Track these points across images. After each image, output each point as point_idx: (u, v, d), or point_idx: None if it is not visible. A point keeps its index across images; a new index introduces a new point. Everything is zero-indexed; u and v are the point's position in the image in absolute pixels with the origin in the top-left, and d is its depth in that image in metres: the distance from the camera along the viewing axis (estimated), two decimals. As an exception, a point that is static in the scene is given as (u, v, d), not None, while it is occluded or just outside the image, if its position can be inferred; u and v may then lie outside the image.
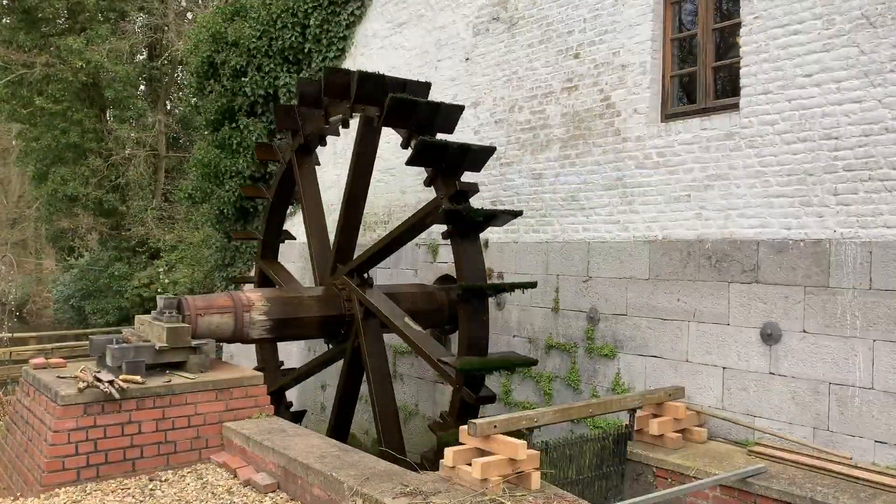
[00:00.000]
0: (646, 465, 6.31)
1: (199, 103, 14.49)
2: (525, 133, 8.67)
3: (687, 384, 6.90)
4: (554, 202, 8.28)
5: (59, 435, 5.94)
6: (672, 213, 7.11)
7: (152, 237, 21.72)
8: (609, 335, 7.63)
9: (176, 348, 6.80)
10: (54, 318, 26.39)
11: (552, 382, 8.20)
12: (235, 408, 6.80)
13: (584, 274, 7.93)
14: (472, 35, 9.52)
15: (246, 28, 13.04)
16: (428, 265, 10.09)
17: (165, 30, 24.22)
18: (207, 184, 14.23)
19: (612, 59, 7.72)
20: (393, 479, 5.19)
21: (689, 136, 7.00)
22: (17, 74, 23.11)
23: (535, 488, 5.03)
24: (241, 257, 14.35)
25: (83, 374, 6.34)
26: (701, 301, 6.85)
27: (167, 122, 24.95)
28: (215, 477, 6.15)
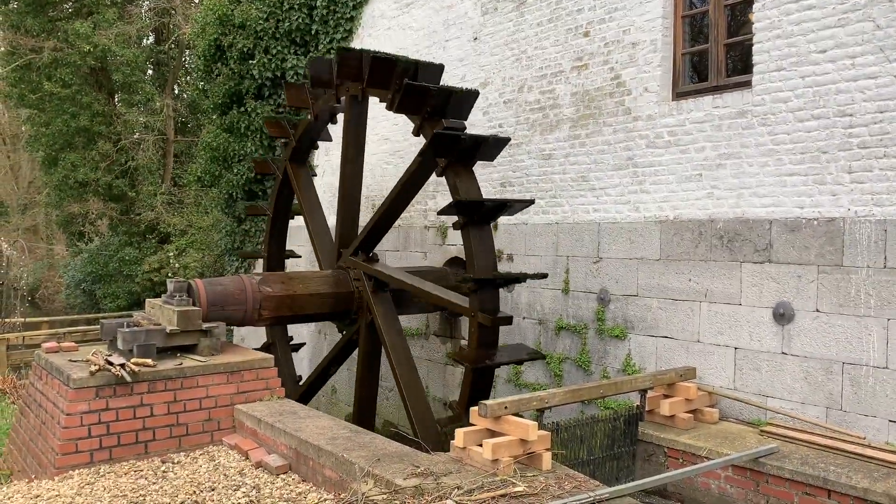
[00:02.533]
0: (657, 445, 6.30)
1: (206, 87, 14.45)
2: (534, 113, 8.60)
3: (698, 365, 6.87)
4: (564, 183, 8.22)
5: (71, 418, 5.97)
6: (683, 192, 7.05)
7: (162, 221, 21.77)
8: (620, 316, 7.60)
9: (187, 331, 6.81)
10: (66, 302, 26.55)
11: (562, 364, 8.18)
12: (246, 390, 6.81)
13: (594, 255, 7.88)
14: (480, 14, 9.42)
15: (253, 10, 12.96)
16: (437, 247, 10.06)
17: (172, 13, 24.12)
18: (216, 167, 14.23)
19: (622, 37, 7.63)
20: (404, 459, 5.20)
21: (700, 114, 6.92)
22: (26, 59, 23.11)
23: (547, 469, 5.02)
24: (250, 241, 14.37)
25: (95, 358, 6.37)
26: (713, 281, 6.80)
27: (175, 107, 24.92)
28: (227, 459, 6.18)
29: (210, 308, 7.29)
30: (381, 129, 11.18)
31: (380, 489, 4.80)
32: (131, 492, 5.43)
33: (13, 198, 39.92)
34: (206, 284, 7.43)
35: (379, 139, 11.20)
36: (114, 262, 22.42)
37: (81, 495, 5.38)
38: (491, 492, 4.57)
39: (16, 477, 6.80)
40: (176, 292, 7.05)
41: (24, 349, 16.20)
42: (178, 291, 7.07)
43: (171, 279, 7.27)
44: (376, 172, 11.19)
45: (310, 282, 8.18)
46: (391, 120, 10.63)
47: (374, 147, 11.22)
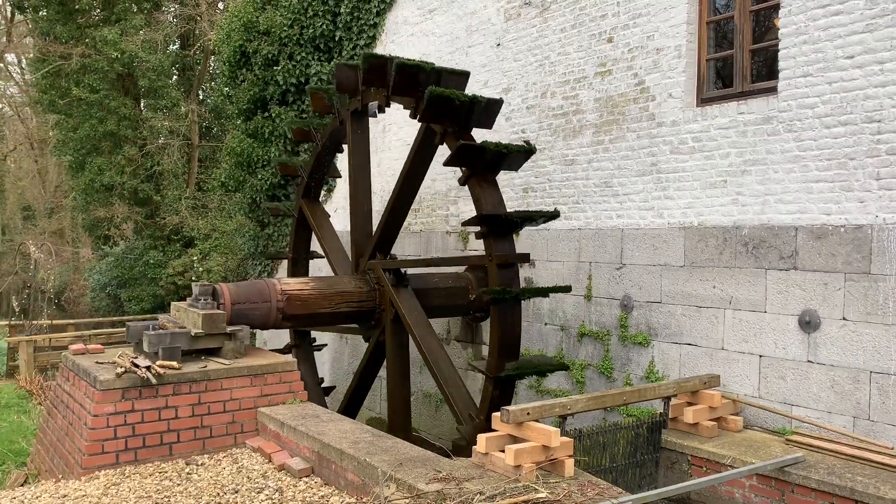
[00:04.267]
0: (680, 453, 6.25)
1: (231, 93, 14.59)
2: (557, 119, 8.59)
3: (722, 372, 6.82)
4: (587, 188, 8.20)
5: (98, 419, 6.05)
6: (708, 198, 7.00)
7: (186, 226, 21.97)
8: (643, 323, 7.56)
9: (211, 334, 6.88)
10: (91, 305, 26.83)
11: (584, 370, 8.15)
12: (270, 393, 6.87)
13: (617, 261, 7.85)
14: (503, 20, 9.44)
15: (277, 17, 13.09)
16: (458, 253, 10.06)
17: (198, 20, 24.39)
18: (240, 172, 14.35)
19: (646, 43, 7.60)
20: (426, 464, 5.21)
21: (725, 120, 6.88)
22: (55, 66, 23.48)
23: (569, 475, 5.01)
24: (273, 245, 14.48)
25: (121, 360, 6.45)
26: (737, 288, 6.74)
27: (200, 112, 25.18)
28: (250, 461, 6.23)
29: (234, 311, 7.35)
30: (403, 135, 11.23)
31: (402, 493, 4.81)
32: (156, 493, 5.49)
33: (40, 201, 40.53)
34: (231, 288, 7.49)
35: (401, 144, 11.25)
36: (139, 265, 22.65)
37: (107, 496, 5.45)
38: (513, 498, 4.56)
39: (43, 477, 6.89)
40: (201, 296, 7.13)
41: (50, 351, 16.38)
42: (202, 295, 7.15)
43: (196, 283, 7.34)
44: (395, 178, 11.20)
45: (331, 282, 8.23)
46: (413, 125, 10.66)
47: (397, 153, 11.27)
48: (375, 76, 8.05)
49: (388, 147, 11.60)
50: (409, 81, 7.65)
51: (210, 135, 26.43)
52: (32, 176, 42.58)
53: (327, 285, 8.14)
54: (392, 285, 8.03)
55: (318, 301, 7.98)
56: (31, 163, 42.04)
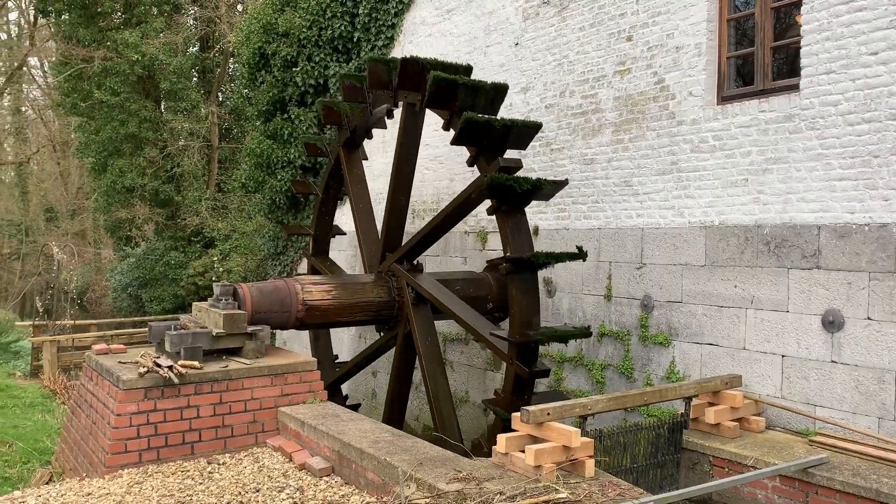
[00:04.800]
0: (702, 454, 6.21)
1: (250, 94, 14.68)
2: (576, 118, 8.56)
3: (744, 372, 6.76)
4: (606, 188, 8.17)
5: (121, 418, 6.11)
6: (729, 197, 6.95)
7: (206, 227, 22.13)
8: (663, 323, 7.52)
9: (232, 334, 6.93)
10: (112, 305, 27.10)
11: (604, 371, 8.11)
12: (290, 393, 6.90)
13: (637, 261, 7.81)
14: (521, 20, 9.42)
15: (296, 19, 13.15)
16: (477, 252, 10.07)
17: (217, 22, 24.56)
18: (260, 173, 14.44)
19: (665, 41, 7.56)
20: (446, 464, 5.21)
21: (746, 118, 6.82)
22: (77, 69, 23.75)
23: (590, 476, 4.99)
24: (293, 246, 14.56)
25: (143, 360, 6.51)
26: (759, 288, 6.68)
27: (219, 114, 25.36)
28: (271, 461, 6.26)
29: (255, 312, 7.40)
30: (423, 136, 11.21)
31: (422, 493, 4.82)
32: (178, 491, 5.54)
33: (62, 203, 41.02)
34: (252, 288, 7.54)
35: (421, 146, 11.22)
36: (159, 266, 22.85)
37: (131, 494, 5.50)
38: (534, 498, 4.55)
39: (67, 475, 6.97)
40: (222, 296, 7.18)
41: (73, 351, 16.56)
42: (224, 295, 7.19)
43: (217, 283, 7.39)
44: (416, 177, 11.20)
45: (352, 290, 8.23)
46: (432, 126, 10.67)
47: (416, 153, 11.25)
48: (411, 80, 8.01)
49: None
50: (444, 95, 7.60)
51: (230, 136, 26.61)
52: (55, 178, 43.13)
53: (349, 295, 8.15)
54: (412, 303, 8.13)
55: (337, 312, 8.11)
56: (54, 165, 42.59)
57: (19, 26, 38.94)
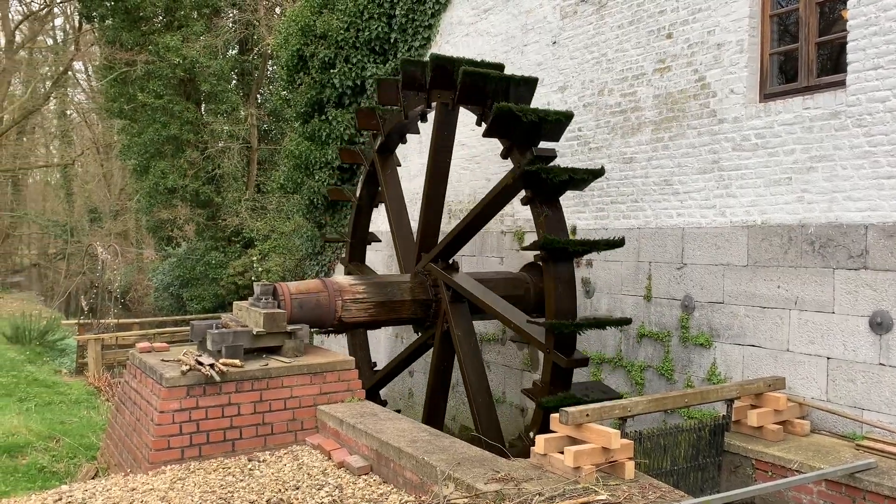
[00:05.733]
0: (744, 457, 6.10)
1: (288, 96, 14.84)
2: (615, 116, 8.48)
3: (788, 375, 6.63)
4: (646, 187, 8.08)
5: (164, 415, 6.22)
6: (772, 196, 6.82)
7: (246, 227, 22.43)
8: (704, 324, 7.41)
9: (272, 333, 7.01)
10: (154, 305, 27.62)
11: (644, 372, 8.03)
12: (329, 391, 6.96)
13: (677, 261, 7.72)
14: (559, 18, 9.37)
15: (334, 20, 13.25)
16: (514, 253, 10.04)
17: (256, 24, 24.89)
18: (298, 174, 14.58)
19: (706, 38, 7.45)
20: (484, 464, 5.20)
21: (790, 116, 6.69)
22: (121, 72, 24.26)
23: (629, 478, 4.94)
24: (330, 246, 14.67)
25: (186, 358, 6.62)
26: (803, 288, 6.55)
27: (258, 115, 25.69)
28: (310, 458, 6.31)
29: (294, 311, 7.47)
30: (458, 134, 11.21)
31: (461, 493, 4.82)
32: (220, 488, 5.62)
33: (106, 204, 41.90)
34: (291, 288, 7.61)
35: (456, 144, 11.23)
36: (200, 265, 23.22)
37: (174, 490, 5.59)
38: (573, 499, 4.53)
39: (112, 470, 7.12)
40: (262, 295, 7.26)
41: (116, 349, 16.88)
42: (264, 294, 7.28)
43: (257, 282, 7.48)
44: (452, 177, 11.20)
45: (389, 289, 8.27)
46: (468, 125, 10.67)
47: (452, 152, 11.27)
48: (442, 78, 8.04)
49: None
50: (475, 89, 7.62)
51: (269, 138, 26.94)
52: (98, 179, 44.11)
53: (384, 294, 8.19)
54: (449, 302, 8.14)
55: (375, 308, 8.16)
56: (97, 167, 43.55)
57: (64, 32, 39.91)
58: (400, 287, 8.38)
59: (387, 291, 8.23)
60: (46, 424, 9.91)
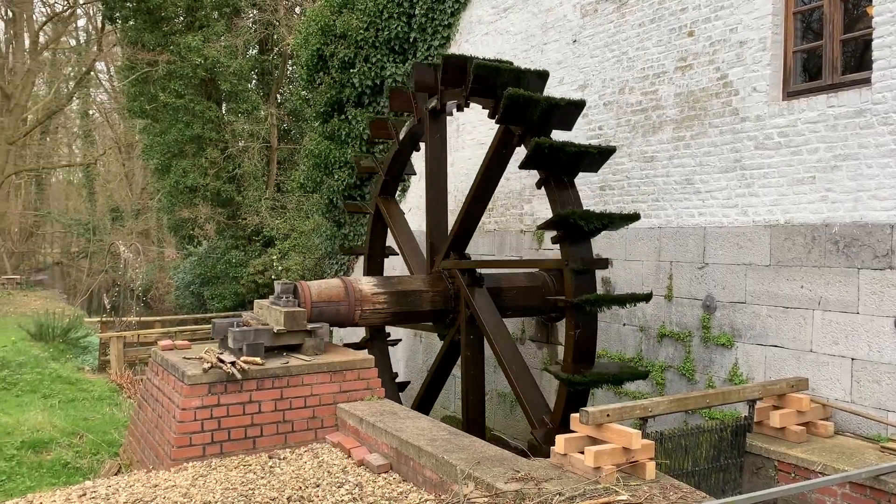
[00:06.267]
0: (766, 458, 6.05)
1: (308, 96, 14.90)
2: (636, 115, 8.44)
3: (811, 375, 6.56)
4: (667, 186, 8.03)
5: (186, 412, 6.26)
6: (795, 195, 6.75)
7: (266, 226, 22.57)
8: (726, 324, 7.35)
9: (293, 331, 7.04)
10: (175, 303, 27.88)
11: (665, 372, 7.98)
12: (349, 389, 6.98)
13: (699, 260, 7.66)
14: (579, 17, 9.33)
15: (353, 20, 13.29)
16: (533, 252, 10.01)
17: (276, 25, 25.03)
18: (318, 174, 14.65)
19: (728, 36, 7.39)
20: (504, 463, 5.20)
21: (813, 114, 6.62)
22: (142, 72, 24.50)
23: (650, 478, 4.91)
24: (349, 244, 14.71)
25: (207, 356, 6.67)
26: (827, 288, 6.48)
27: (278, 115, 25.83)
28: (330, 456, 6.34)
29: (314, 309, 7.50)
30: (477, 135, 11.25)
31: (481, 492, 4.82)
32: (241, 485, 5.65)
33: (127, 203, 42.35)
34: (311, 286, 7.64)
35: (475, 144, 11.26)
36: (220, 264, 23.40)
37: (195, 486, 5.64)
38: (594, 499, 4.51)
39: (135, 467, 7.19)
40: (283, 293, 7.30)
41: (138, 347, 17.02)
42: (284, 293, 7.32)
43: (278, 281, 7.51)
44: (470, 176, 11.23)
45: (407, 281, 8.30)
46: (487, 125, 10.67)
47: (470, 152, 11.29)
48: (454, 76, 8.06)
49: (462, 146, 11.62)
50: (487, 83, 7.62)
51: (288, 137, 27.09)
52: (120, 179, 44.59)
53: (402, 285, 8.19)
54: (467, 285, 8.05)
55: (394, 300, 8.11)
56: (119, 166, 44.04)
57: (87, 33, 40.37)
58: (421, 297, 8.33)
59: (408, 301, 8.20)
60: (70, 421, 10.02)
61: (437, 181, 8.95)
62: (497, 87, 7.56)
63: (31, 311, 22.88)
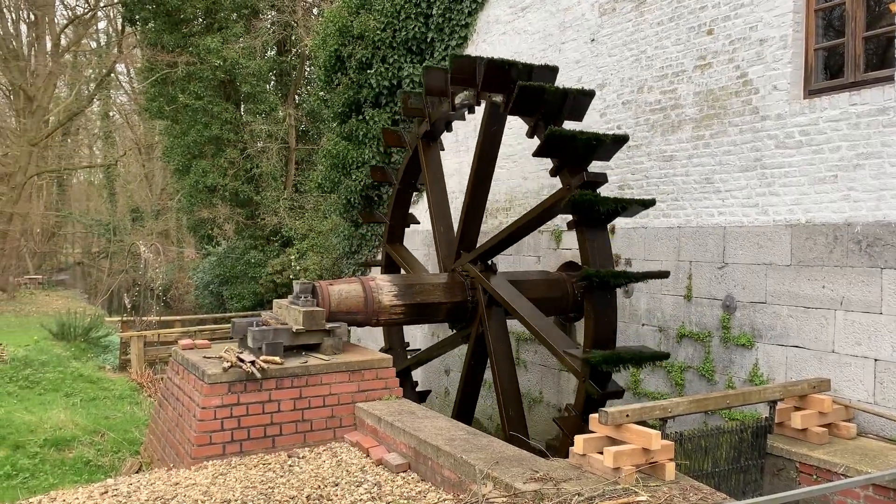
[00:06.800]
0: (788, 459, 6.00)
1: (326, 97, 14.95)
2: (655, 114, 8.39)
3: (833, 376, 6.50)
4: (686, 185, 7.98)
5: (206, 411, 6.31)
6: (816, 195, 6.69)
7: (284, 226, 22.68)
8: (746, 324, 7.29)
9: (311, 331, 7.07)
10: (195, 302, 28.07)
11: (684, 373, 7.93)
12: (367, 389, 7.00)
13: (719, 260, 7.61)
14: (597, 15, 9.30)
15: (371, 21, 13.32)
16: (551, 252, 9.99)
17: (294, 26, 25.14)
18: (335, 174, 14.70)
19: (748, 34, 7.33)
20: (523, 463, 5.19)
21: (835, 112, 6.55)
22: (162, 74, 24.70)
23: (670, 479, 4.89)
24: (366, 245, 14.75)
25: (227, 355, 6.71)
26: (849, 288, 6.41)
27: (296, 116, 25.94)
28: (349, 455, 6.36)
29: (332, 309, 7.52)
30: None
31: (499, 492, 4.81)
32: (261, 483, 5.68)
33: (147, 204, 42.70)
34: (332, 293, 7.64)
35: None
36: (239, 264, 23.53)
37: (215, 485, 5.68)
38: (613, 500, 4.49)
39: (155, 465, 7.25)
40: (301, 293, 7.33)
41: (158, 346, 17.18)
42: (303, 293, 7.35)
43: (296, 281, 7.55)
44: (491, 177, 11.22)
45: (426, 291, 8.26)
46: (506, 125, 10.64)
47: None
48: (464, 76, 8.07)
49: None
50: (499, 77, 7.65)
51: (306, 138, 27.20)
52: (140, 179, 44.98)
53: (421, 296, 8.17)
54: (485, 305, 8.13)
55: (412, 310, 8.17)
56: (139, 167, 44.41)
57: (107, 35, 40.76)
58: (438, 308, 8.33)
59: (425, 309, 8.21)
60: (91, 419, 10.13)
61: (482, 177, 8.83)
62: (509, 81, 7.57)
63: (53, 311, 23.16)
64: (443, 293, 8.35)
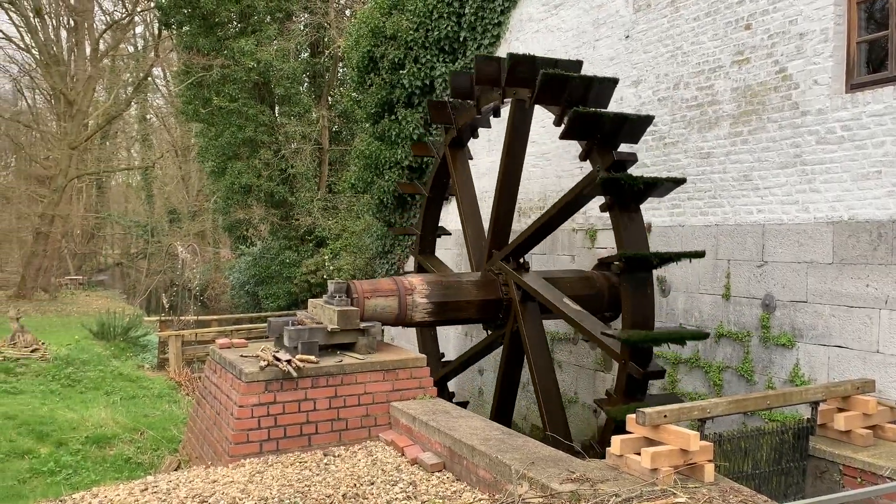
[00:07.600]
0: (831, 462, 5.86)
1: (359, 97, 15.02)
2: (691, 110, 8.28)
3: (878, 377, 6.34)
4: (724, 182, 7.86)
5: (244, 410, 6.37)
6: (860, 191, 6.54)
7: (318, 226, 22.85)
8: (787, 323, 7.16)
9: (346, 330, 7.11)
10: (231, 302, 28.43)
11: (722, 373, 7.81)
12: (401, 388, 7.01)
13: (758, 258, 7.48)
14: (632, 12, 9.20)
15: (403, 21, 13.35)
16: (586, 251, 9.91)
17: (327, 27, 25.30)
18: (368, 174, 14.75)
19: (788, 28, 7.20)
20: (559, 464, 5.15)
21: (879, 106, 6.39)
22: (198, 77, 25.04)
23: (709, 481, 4.81)
24: (399, 245, 14.80)
25: (264, 354, 6.77)
26: (894, 287, 6.25)
27: (329, 117, 26.12)
28: (384, 454, 6.37)
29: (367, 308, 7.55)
30: (529, 133, 11.16)
31: (535, 492, 4.78)
32: (297, 482, 5.72)
33: (184, 205, 43.34)
34: (367, 307, 7.66)
35: (527, 142, 11.17)
36: (274, 264, 23.77)
37: (253, 482, 5.73)
38: (651, 501, 4.43)
39: (194, 462, 7.34)
40: (336, 293, 7.37)
41: (196, 345, 17.44)
42: (338, 292, 7.38)
43: (331, 280, 7.59)
44: (522, 175, 11.16)
45: (460, 289, 8.26)
46: (538, 122, 10.58)
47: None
48: (488, 75, 8.07)
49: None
50: (523, 72, 7.61)
51: (339, 139, 27.38)
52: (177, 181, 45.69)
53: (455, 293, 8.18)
54: (519, 301, 8.08)
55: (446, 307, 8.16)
56: (176, 169, 45.12)
57: (144, 39, 41.44)
58: (470, 286, 8.35)
59: (456, 290, 8.21)
60: (131, 417, 10.31)
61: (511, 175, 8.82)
62: (564, 93, 7.48)
63: (94, 311, 23.62)
64: (476, 291, 8.33)
